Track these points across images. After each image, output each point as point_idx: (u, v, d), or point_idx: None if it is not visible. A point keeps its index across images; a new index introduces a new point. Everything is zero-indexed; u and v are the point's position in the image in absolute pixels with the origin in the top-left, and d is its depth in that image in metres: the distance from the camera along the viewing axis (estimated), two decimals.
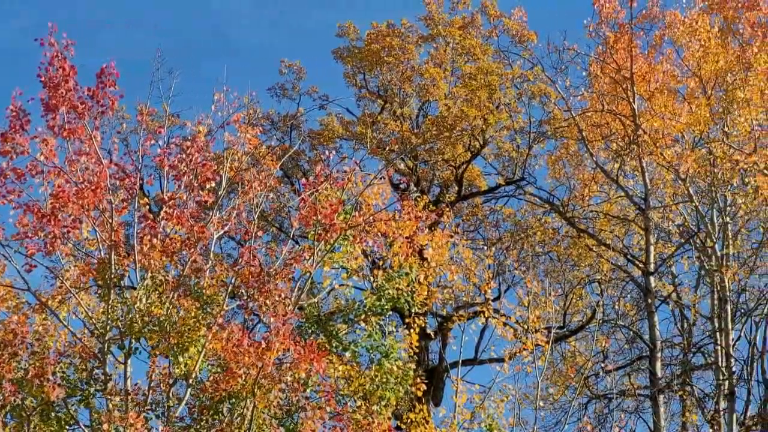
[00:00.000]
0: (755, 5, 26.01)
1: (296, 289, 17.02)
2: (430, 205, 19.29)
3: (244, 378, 15.58)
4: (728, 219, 26.34)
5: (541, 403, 21.27)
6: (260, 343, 15.52)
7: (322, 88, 30.88)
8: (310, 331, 17.71)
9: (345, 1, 51.05)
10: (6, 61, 46.41)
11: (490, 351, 25.24)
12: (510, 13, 28.78)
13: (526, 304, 20.38)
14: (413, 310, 18.62)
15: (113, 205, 15.97)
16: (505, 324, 20.49)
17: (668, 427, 26.89)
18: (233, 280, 16.61)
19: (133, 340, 16.04)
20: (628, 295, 28.98)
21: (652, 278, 26.23)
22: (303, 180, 17.98)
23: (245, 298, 16.52)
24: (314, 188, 17.27)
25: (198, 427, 16.23)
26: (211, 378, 16.11)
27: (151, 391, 16.16)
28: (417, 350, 18.85)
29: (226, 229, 17.14)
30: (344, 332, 17.99)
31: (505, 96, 27.92)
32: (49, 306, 16.36)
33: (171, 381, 16.18)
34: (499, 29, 28.62)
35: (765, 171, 24.01)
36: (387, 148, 26.80)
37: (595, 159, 27.14)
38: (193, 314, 15.96)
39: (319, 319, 17.89)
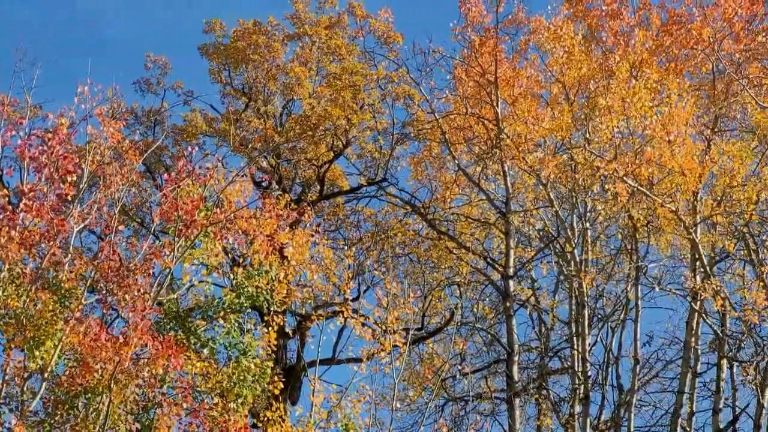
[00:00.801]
0: (618, 14, 27.96)
1: (156, 285, 17.90)
2: (292, 204, 20.43)
3: (100, 373, 16.37)
4: (588, 225, 28.28)
5: (398, 404, 22.49)
6: (118, 338, 16.33)
7: (188, 84, 32.05)
8: (168, 326, 18.60)
9: None
10: None
11: (348, 351, 26.79)
12: (377, 14, 30.31)
13: (385, 305, 21.30)
14: (272, 309, 19.64)
15: None
16: (363, 324, 21.60)
17: (523, 430, 28.76)
18: (92, 274, 17.35)
19: None
20: (487, 299, 30.83)
21: (511, 282, 28.04)
22: (165, 175, 18.90)
23: (104, 292, 17.29)
24: (176, 184, 18.15)
25: (52, 421, 16.91)
26: (67, 372, 16.84)
27: (4, 385, 16.76)
28: (275, 348, 19.96)
29: (86, 222, 17.86)
30: (203, 329, 18.93)
31: (369, 97, 29.39)
32: None
33: (26, 375, 16.82)
34: (365, 30, 30.20)
35: (625, 178, 25.46)
36: (250, 146, 28.02)
37: (457, 162, 28.76)
38: (50, 308, 16.67)
39: (178, 315, 18.80)
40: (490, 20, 27.85)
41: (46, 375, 16.74)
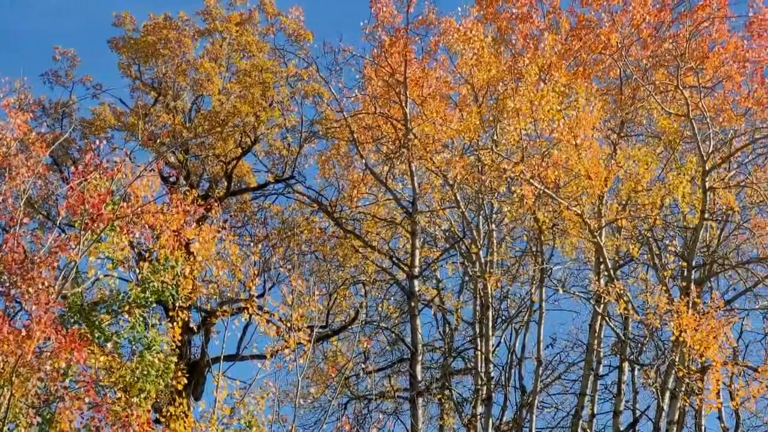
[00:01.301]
0: (528, 17, 29.08)
1: (60, 278, 18.34)
2: (199, 200, 20.90)
3: (2, 366, 16.67)
4: (494, 226, 29.42)
5: (301, 401, 23.25)
6: (20, 331, 16.68)
7: (98, 77, 32.58)
8: (72, 320, 19.10)
9: None
10: None
11: (253, 347, 27.40)
12: (288, 12, 31.15)
13: (290, 302, 21.89)
14: (177, 304, 20.27)
15: None
16: (268, 321, 22.11)
17: (426, 429, 29.79)
18: None
19: None
20: (392, 298, 31.80)
21: (416, 282, 29.05)
22: (72, 168, 19.24)
23: (7, 284, 17.65)
24: (83, 177, 18.61)
25: None
26: None
27: None
28: (179, 344, 20.59)
29: None
30: (107, 323, 19.49)
31: (278, 94, 30.16)
32: None
33: None
34: (276, 27, 31.00)
35: (531, 180, 26.45)
36: (158, 141, 28.60)
37: (365, 161, 29.66)
38: None
39: (82, 309, 19.32)
40: (400, 20, 28.80)
41: None
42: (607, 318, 29.00)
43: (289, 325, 21.55)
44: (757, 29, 28.46)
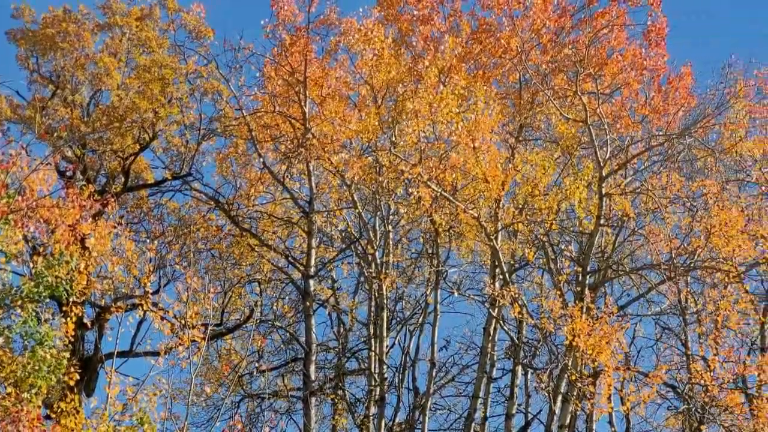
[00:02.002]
0: (429, 19, 30.20)
1: None
2: (96, 195, 21.47)
3: None
4: (390, 227, 30.51)
5: (194, 399, 24.03)
6: None
7: None
8: None
9: None
10: None
11: (146, 344, 28.15)
12: (189, 8, 31.71)
13: (185, 300, 22.50)
14: (71, 299, 20.71)
15: None
16: (162, 318, 22.79)
17: (318, 429, 30.76)
18: None
19: None
20: (287, 297, 32.74)
21: (311, 281, 30.05)
22: None
23: None
24: None
25: None
26: None
27: None
28: (72, 339, 21.12)
29: None
30: None
31: (178, 90, 30.75)
32: None
33: None
34: (177, 23, 31.45)
35: (429, 183, 27.38)
36: (55, 134, 29.08)
37: (262, 159, 30.46)
38: None
39: None
40: (301, 19, 29.62)
41: None
42: (501, 321, 30.07)
43: (183, 322, 22.10)
44: (654, 38, 29.89)
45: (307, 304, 29.73)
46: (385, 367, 29.66)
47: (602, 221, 29.75)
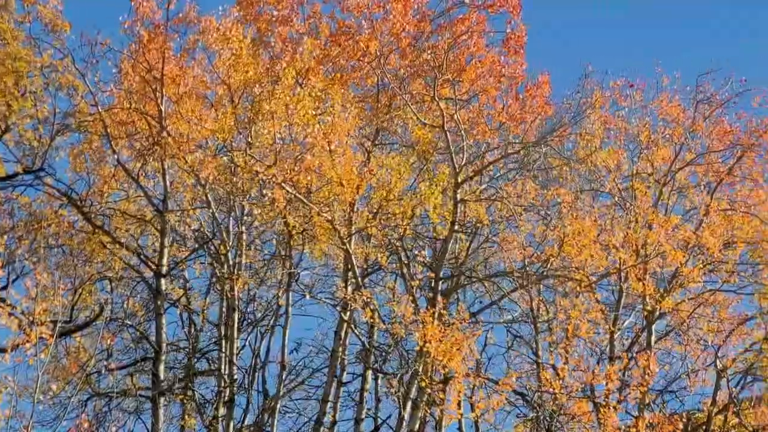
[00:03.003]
0: (288, 21, 31.60)
1: None
2: None
3: None
4: (244, 228, 31.68)
5: (41, 397, 24.68)
6: None
7: None
8: None
9: None
10: None
11: None
12: (46, 1, 32.20)
13: (34, 296, 22.84)
14: None
15: None
16: (10, 314, 23.08)
17: (166, 429, 31.93)
18: None
19: None
20: (138, 296, 33.74)
21: (163, 280, 31.14)
22: None
23: None
24: None
25: None
26: None
27: None
28: None
29: None
30: None
31: (32, 84, 31.26)
32: None
33: None
34: (33, 15, 31.99)
35: (283, 184, 28.36)
36: None
37: (117, 156, 31.28)
38: None
39: None
40: (160, 16, 30.54)
41: None
42: (352, 325, 31.38)
43: (31, 318, 22.45)
44: (513, 46, 31.39)
45: (159, 303, 30.77)
46: (235, 368, 30.89)
47: (456, 227, 31.25)
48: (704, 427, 36.75)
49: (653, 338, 34.82)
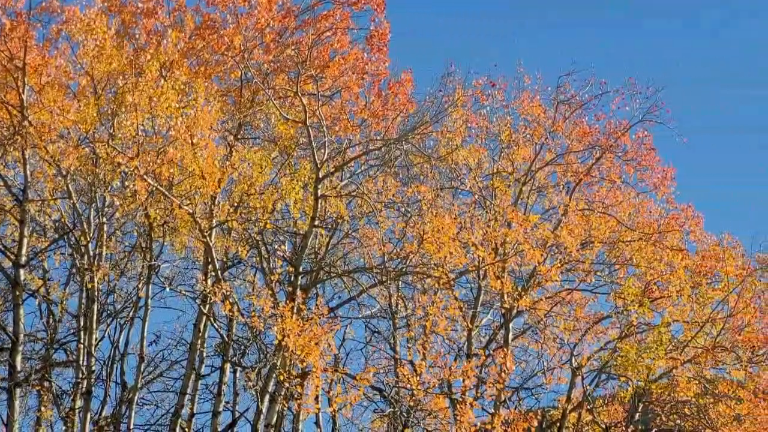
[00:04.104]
0: (153, 12, 32.54)
1: None
2: None
3: None
4: (105, 219, 32.74)
5: None
6: None
7: None
8: None
9: None
10: None
11: None
12: None
13: None
14: None
15: None
16: None
17: (22, 421, 32.94)
18: None
19: None
20: None
21: (22, 270, 32.08)
22: None
23: None
24: None
25: None
26: None
27: None
28: None
29: None
30: None
31: None
32: None
33: None
34: None
35: (145, 176, 29.23)
36: None
37: None
38: None
39: None
40: (23, 5, 31.40)
41: None
42: (212, 318, 32.64)
43: None
44: (377, 43, 32.86)
45: (17, 293, 31.60)
46: (93, 359, 31.95)
47: (317, 222, 32.34)
48: (558, 424, 39.15)
49: (510, 336, 36.25)
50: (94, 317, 32.30)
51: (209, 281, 31.51)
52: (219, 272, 31.70)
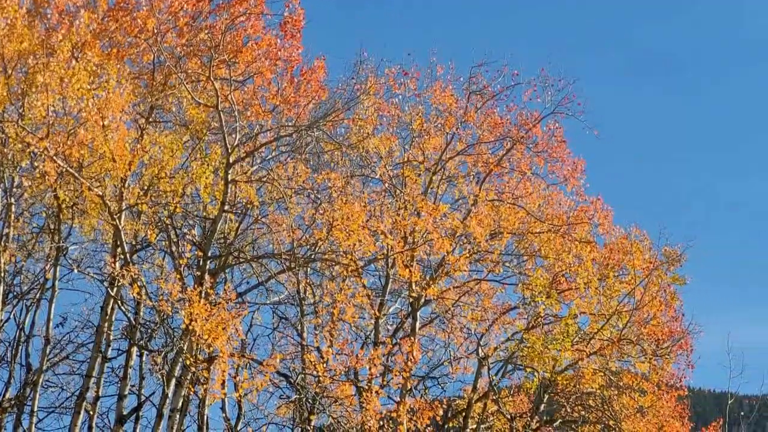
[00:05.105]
0: None
1: None
2: None
3: None
4: (13, 200, 33.11)
5: None
6: None
7: None
8: None
9: None
10: None
11: None
12: None
13: None
14: None
15: None
16: None
17: None
18: None
19: None
20: None
21: None
22: None
23: None
24: None
25: None
26: None
27: None
28: None
29: None
30: None
31: None
32: None
33: None
34: None
35: (55, 157, 29.74)
36: None
37: None
38: None
39: None
40: None
41: None
42: (119, 301, 33.17)
43: None
44: (290, 29, 33.60)
45: None
46: None
47: (226, 207, 33.04)
48: (464, 414, 40.50)
49: (417, 324, 37.41)
50: (0, 298, 32.70)
51: (118, 264, 31.86)
52: (128, 255, 32.20)
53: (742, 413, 48.64)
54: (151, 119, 34.51)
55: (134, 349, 34.89)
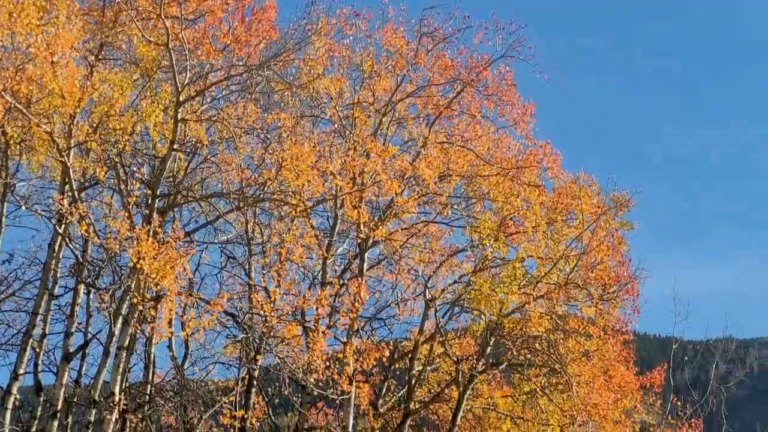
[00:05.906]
0: None
1: None
2: None
3: None
4: None
5: None
6: None
7: None
8: None
9: None
10: None
11: None
12: None
13: None
14: None
15: None
16: None
17: None
18: None
19: None
20: None
21: None
22: None
23: None
24: None
25: None
26: None
27: None
28: None
29: None
30: None
31: None
32: None
33: None
34: None
35: (3, 93, 29.41)
36: None
37: None
38: None
39: None
40: None
41: None
42: (67, 239, 33.65)
43: None
44: None
45: None
46: None
47: (176, 146, 33.39)
48: (410, 356, 41.37)
49: (365, 266, 37.99)
50: None
51: (66, 201, 32.06)
52: (76, 193, 32.46)
53: (686, 358, 49.66)
54: (101, 56, 34.58)
55: (81, 287, 35.26)
